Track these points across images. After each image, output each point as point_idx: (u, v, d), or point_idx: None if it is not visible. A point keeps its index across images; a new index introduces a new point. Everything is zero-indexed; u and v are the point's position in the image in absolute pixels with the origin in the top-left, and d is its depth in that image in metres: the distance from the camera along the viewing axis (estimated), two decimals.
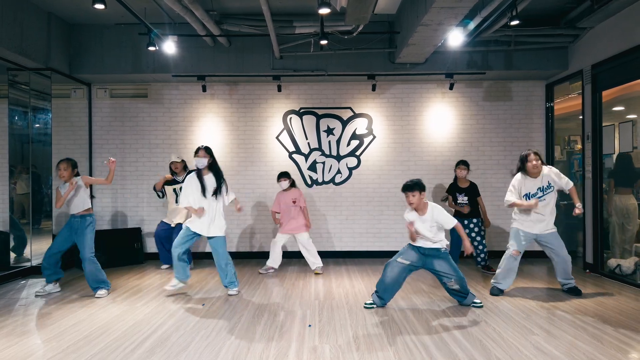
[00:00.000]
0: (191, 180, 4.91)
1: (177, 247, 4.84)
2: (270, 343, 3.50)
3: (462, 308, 4.40)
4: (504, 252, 7.01)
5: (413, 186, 4.33)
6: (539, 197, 4.72)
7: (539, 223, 4.75)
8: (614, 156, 5.86)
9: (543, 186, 4.74)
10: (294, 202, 6.02)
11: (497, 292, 4.90)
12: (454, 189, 6.14)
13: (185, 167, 6.40)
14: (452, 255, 5.89)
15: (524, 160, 4.78)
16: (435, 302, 4.62)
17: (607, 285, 5.34)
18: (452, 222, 4.36)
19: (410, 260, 4.36)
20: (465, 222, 5.92)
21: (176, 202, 6.10)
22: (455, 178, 6.19)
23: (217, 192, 4.87)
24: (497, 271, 4.96)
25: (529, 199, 4.75)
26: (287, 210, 6.03)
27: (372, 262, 6.77)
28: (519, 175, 4.85)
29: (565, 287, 4.92)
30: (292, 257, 6.77)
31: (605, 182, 5.94)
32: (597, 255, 5.91)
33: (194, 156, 4.91)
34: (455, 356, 3.22)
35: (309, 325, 3.90)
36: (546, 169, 4.78)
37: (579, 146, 6.86)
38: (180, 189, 6.04)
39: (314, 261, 6.04)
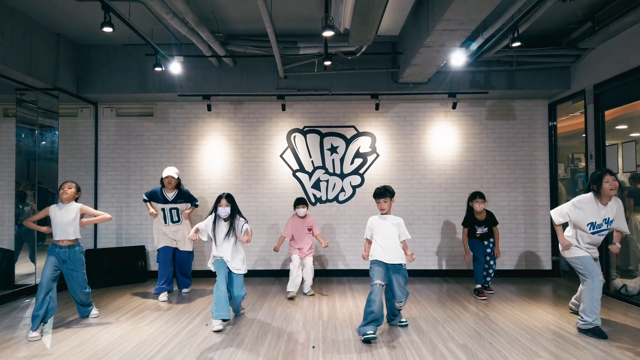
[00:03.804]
0: (208, 223, 4.72)
1: (222, 281, 4.55)
2: None
3: (466, 329, 4.37)
4: (510, 270, 7.03)
5: (385, 193, 4.52)
6: (602, 231, 4.16)
7: (593, 251, 4.32)
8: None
9: (608, 218, 4.14)
10: (309, 229, 5.97)
11: (603, 331, 4.12)
12: (472, 222, 5.88)
13: (178, 185, 5.89)
14: (477, 274, 5.83)
15: (598, 179, 4.09)
16: (439, 323, 4.60)
17: (613, 306, 5.30)
18: (408, 235, 4.50)
19: (383, 279, 4.29)
20: (485, 242, 5.86)
21: (164, 222, 5.82)
22: (471, 210, 5.91)
23: (229, 235, 4.68)
24: (590, 308, 4.17)
25: (594, 229, 4.16)
26: (302, 237, 5.93)
27: None
28: (586, 198, 4.19)
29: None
30: None
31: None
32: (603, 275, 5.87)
33: (217, 204, 4.72)
34: None
35: (313, 347, 3.89)
36: (617, 200, 4.20)
37: (583, 164, 6.87)
38: (171, 209, 5.79)
39: (310, 283, 5.94)
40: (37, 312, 4.23)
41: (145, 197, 5.85)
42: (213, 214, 4.76)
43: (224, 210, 4.69)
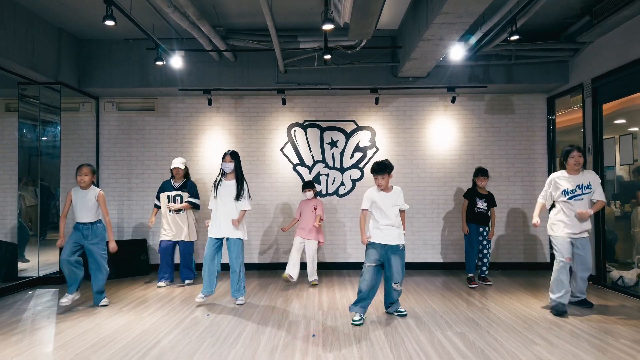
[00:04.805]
0: (214, 182, 5.16)
1: (207, 260, 5.02)
2: (274, 352, 3.54)
3: (464, 319, 4.43)
4: (508, 263, 7.10)
5: (384, 169, 4.43)
6: (577, 196, 4.64)
7: (576, 223, 4.65)
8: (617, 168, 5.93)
9: (582, 184, 4.66)
10: (315, 209, 6.09)
11: (563, 309, 4.58)
12: (473, 194, 6.15)
13: (186, 174, 6.26)
14: (469, 261, 6.02)
15: (565, 155, 4.73)
16: (437, 313, 4.65)
17: (610, 297, 5.36)
18: (406, 206, 4.58)
19: (375, 260, 4.39)
20: (480, 229, 6.03)
21: (169, 211, 6.05)
22: (475, 185, 6.20)
23: (235, 196, 5.01)
24: (553, 287, 4.69)
25: (567, 195, 4.66)
26: (307, 218, 6.07)
27: None
28: (557, 172, 4.85)
29: (575, 300, 4.86)
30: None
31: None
32: (600, 267, 5.93)
33: (222, 160, 5.07)
34: None
35: (313, 335, 3.95)
36: (591, 172, 4.79)
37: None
38: (175, 196, 6.08)
39: (313, 272, 6.08)
40: (70, 283, 4.86)
41: (156, 202, 6.20)
42: (220, 172, 5.12)
43: (227, 165, 5.02)
